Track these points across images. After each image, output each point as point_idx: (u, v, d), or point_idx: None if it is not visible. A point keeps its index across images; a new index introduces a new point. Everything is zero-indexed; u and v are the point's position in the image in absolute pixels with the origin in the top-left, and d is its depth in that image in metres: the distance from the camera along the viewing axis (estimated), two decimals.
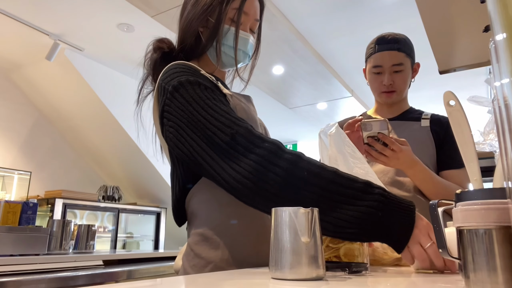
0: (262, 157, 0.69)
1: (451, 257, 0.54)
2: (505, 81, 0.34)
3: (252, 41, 1.00)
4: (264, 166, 0.69)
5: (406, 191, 1.23)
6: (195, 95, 0.80)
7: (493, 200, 0.47)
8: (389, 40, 1.29)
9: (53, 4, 3.07)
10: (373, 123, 1.07)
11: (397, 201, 0.68)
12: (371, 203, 0.66)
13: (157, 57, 0.97)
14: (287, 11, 3.09)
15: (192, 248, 0.86)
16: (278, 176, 0.68)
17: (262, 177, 0.68)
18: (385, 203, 0.66)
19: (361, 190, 0.67)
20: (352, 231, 0.65)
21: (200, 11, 0.94)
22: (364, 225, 0.65)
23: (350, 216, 0.65)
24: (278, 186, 0.68)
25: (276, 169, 0.68)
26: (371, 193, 0.67)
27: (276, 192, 0.68)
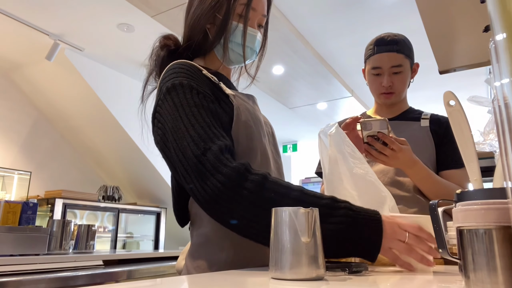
0: (228, 178, 0.70)
1: (451, 257, 0.54)
2: (505, 81, 0.34)
3: (260, 38, 0.99)
4: (230, 188, 0.69)
5: (406, 191, 1.23)
6: (184, 100, 0.80)
7: (493, 200, 0.47)
8: (388, 42, 1.28)
9: (53, 4, 3.07)
10: (373, 122, 1.07)
11: (363, 213, 0.69)
12: (340, 219, 0.67)
13: (163, 54, 0.96)
14: (287, 11, 3.09)
15: (196, 249, 0.85)
16: (244, 198, 0.69)
17: (229, 199, 0.69)
18: (353, 216, 0.68)
19: (328, 207, 0.69)
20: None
21: (207, 8, 0.93)
22: (333, 243, 0.67)
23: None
24: (244, 208, 0.69)
25: (242, 191, 0.69)
26: (338, 208, 0.69)
27: (244, 214, 0.69)
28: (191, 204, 0.88)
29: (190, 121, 0.77)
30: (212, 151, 0.72)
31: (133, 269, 2.34)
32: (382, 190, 0.91)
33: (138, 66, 4.12)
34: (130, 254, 2.57)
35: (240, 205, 0.69)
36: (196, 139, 0.74)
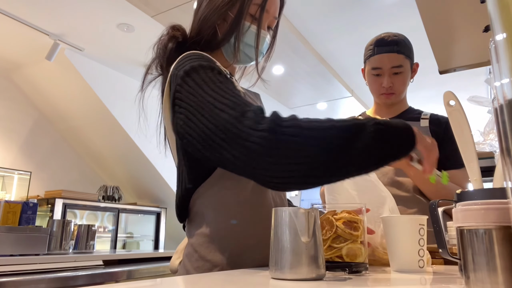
0: (268, 125, 0.66)
1: (451, 257, 0.54)
2: (505, 81, 0.34)
3: (268, 40, 0.98)
4: (275, 133, 0.65)
5: (406, 191, 1.23)
6: (207, 78, 0.77)
7: (493, 200, 0.47)
8: (388, 42, 1.28)
9: (53, 4, 3.07)
10: None
11: (390, 121, 0.70)
12: (374, 127, 0.67)
13: (170, 46, 0.93)
14: (287, 11, 3.09)
15: (196, 250, 0.84)
16: (289, 135, 0.65)
17: (275, 144, 0.65)
18: (381, 120, 0.68)
19: (358, 123, 0.68)
20: (394, 144, 0.67)
21: (220, 4, 0.91)
22: (374, 150, 0.66)
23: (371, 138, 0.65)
24: (295, 143, 0.65)
25: (284, 136, 0.65)
26: (369, 124, 0.68)
27: (297, 148, 0.65)
28: (193, 201, 0.87)
29: (219, 93, 0.73)
30: (252, 112, 0.68)
31: (133, 269, 2.34)
32: (382, 190, 0.91)
33: (138, 66, 4.12)
34: (130, 254, 2.57)
35: (287, 149, 0.64)
36: (230, 105, 0.70)
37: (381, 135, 0.66)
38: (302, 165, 0.65)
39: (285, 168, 0.65)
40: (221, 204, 0.84)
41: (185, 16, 2.80)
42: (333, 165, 0.65)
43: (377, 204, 0.89)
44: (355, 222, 0.74)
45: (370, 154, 0.65)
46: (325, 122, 0.68)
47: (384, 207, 0.89)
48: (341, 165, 0.65)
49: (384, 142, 0.66)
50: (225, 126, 0.68)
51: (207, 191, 0.85)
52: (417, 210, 1.20)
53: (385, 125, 0.67)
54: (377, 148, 0.66)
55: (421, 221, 0.73)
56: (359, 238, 0.73)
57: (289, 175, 0.66)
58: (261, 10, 0.92)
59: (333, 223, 0.73)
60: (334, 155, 0.65)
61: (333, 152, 0.65)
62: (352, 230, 0.73)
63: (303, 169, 0.65)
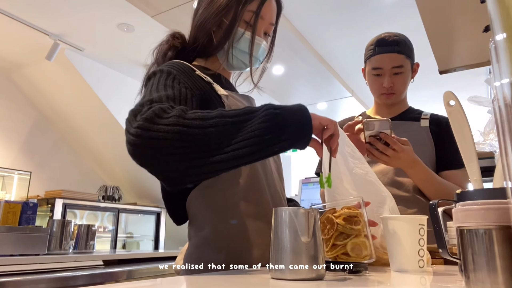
0: (146, 117, 0.67)
1: (451, 257, 0.54)
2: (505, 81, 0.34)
3: (265, 46, 0.99)
4: (150, 123, 0.66)
5: (406, 191, 1.23)
6: (156, 80, 0.81)
7: (493, 200, 0.47)
8: (389, 42, 1.28)
9: (53, 4, 3.07)
10: (375, 122, 1.07)
11: (283, 106, 0.70)
12: (266, 112, 0.67)
13: (170, 53, 0.96)
14: (287, 11, 3.09)
15: (194, 251, 0.85)
16: (166, 130, 0.65)
17: (150, 136, 0.65)
18: (276, 107, 0.68)
19: (248, 111, 0.69)
20: (268, 137, 0.66)
21: (215, 11, 0.92)
22: (264, 136, 0.66)
23: (254, 129, 0.66)
24: (171, 140, 0.65)
25: (162, 126, 0.66)
26: (259, 109, 0.68)
27: (172, 146, 0.65)
28: (188, 204, 0.87)
29: (151, 93, 0.77)
30: (148, 107, 0.70)
31: (133, 269, 2.34)
32: (382, 190, 0.91)
33: (138, 66, 4.12)
34: (130, 254, 2.57)
35: (161, 141, 0.65)
36: (146, 101, 0.72)
37: (273, 117, 0.66)
38: (182, 157, 0.65)
39: (163, 160, 0.66)
40: (216, 205, 0.85)
41: (185, 16, 2.80)
42: (218, 154, 0.65)
43: (377, 204, 0.89)
44: (355, 216, 0.73)
45: (261, 137, 0.65)
46: (213, 112, 0.69)
47: (384, 207, 0.89)
48: (228, 153, 0.65)
49: (275, 124, 0.66)
50: (126, 121, 0.71)
51: (202, 193, 0.85)
52: (417, 210, 1.20)
53: (278, 109, 0.67)
54: (268, 131, 0.65)
55: (421, 221, 0.73)
56: (362, 231, 0.73)
57: (169, 169, 0.67)
58: (256, 17, 0.92)
59: (333, 221, 0.73)
60: (216, 145, 0.65)
61: (214, 143, 0.65)
62: (353, 225, 0.73)
63: (181, 162, 0.66)
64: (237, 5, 0.91)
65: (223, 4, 0.92)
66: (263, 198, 0.88)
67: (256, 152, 0.66)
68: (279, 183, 0.97)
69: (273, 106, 0.68)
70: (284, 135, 0.66)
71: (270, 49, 1.05)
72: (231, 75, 1.07)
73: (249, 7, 0.92)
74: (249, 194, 0.86)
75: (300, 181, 4.43)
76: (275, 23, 1.01)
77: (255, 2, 0.92)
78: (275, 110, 0.67)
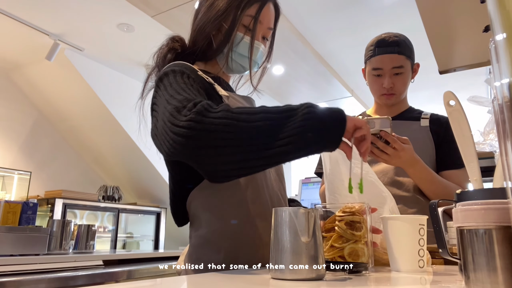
0: (195, 114, 0.69)
1: (451, 257, 0.54)
2: (505, 81, 0.34)
3: (263, 49, 1.00)
4: (198, 122, 0.68)
5: (406, 191, 1.23)
6: (173, 80, 0.81)
7: (493, 200, 0.47)
8: (389, 43, 1.28)
9: (53, 4, 3.07)
10: (376, 120, 1.06)
11: (322, 107, 0.71)
12: (308, 110, 0.68)
13: (169, 56, 0.97)
14: (287, 11, 3.09)
15: (194, 251, 0.85)
16: (215, 125, 0.67)
17: (200, 132, 0.67)
18: (314, 106, 0.69)
19: (289, 108, 0.70)
20: (309, 135, 0.67)
21: (214, 16, 0.93)
22: (304, 135, 0.67)
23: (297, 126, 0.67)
24: (220, 134, 0.67)
25: (211, 120, 0.68)
26: (300, 107, 0.69)
27: (221, 140, 0.67)
28: (189, 205, 0.88)
29: (177, 92, 0.77)
30: (192, 103, 0.72)
31: (133, 269, 2.34)
32: (383, 191, 0.91)
33: (138, 66, 4.12)
34: (130, 254, 2.57)
35: (213, 133, 0.67)
36: (179, 99, 0.74)
37: (313, 116, 0.67)
38: (231, 149, 0.67)
39: (212, 152, 0.68)
40: (215, 206, 0.85)
41: (185, 16, 2.79)
42: (265, 149, 0.67)
43: (378, 204, 0.89)
44: (358, 222, 0.74)
45: (303, 134, 0.66)
46: (257, 108, 0.70)
47: (385, 207, 0.89)
48: (274, 149, 0.67)
49: (316, 122, 0.67)
50: (167, 119, 0.72)
51: (201, 194, 0.86)
52: (417, 210, 1.20)
53: (316, 108, 0.69)
54: (309, 129, 0.67)
55: (421, 221, 0.73)
56: (363, 238, 0.73)
57: (219, 161, 0.69)
58: (255, 22, 0.93)
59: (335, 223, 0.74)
60: (264, 140, 0.67)
61: (262, 138, 0.67)
62: (355, 231, 0.73)
63: (230, 154, 0.68)
64: (236, 10, 0.92)
65: (222, 9, 0.93)
66: (261, 198, 0.88)
67: (297, 151, 0.68)
68: (278, 183, 0.98)
69: (312, 105, 0.70)
70: (321, 136, 0.68)
71: (269, 52, 1.06)
72: (231, 78, 1.07)
73: (248, 12, 0.93)
74: (247, 194, 0.86)
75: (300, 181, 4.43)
76: (273, 27, 1.02)
77: (254, 7, 0.94)
78: (314, 109, 0.69)
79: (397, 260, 0.73)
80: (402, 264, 0.72)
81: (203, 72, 0.93)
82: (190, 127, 0.67)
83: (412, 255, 0.71)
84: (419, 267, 0.71)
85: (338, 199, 0.91)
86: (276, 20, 1.02)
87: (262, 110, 0.70)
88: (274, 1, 0.99)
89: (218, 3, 0.94)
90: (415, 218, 0.73)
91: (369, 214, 0.77)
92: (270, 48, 1.06)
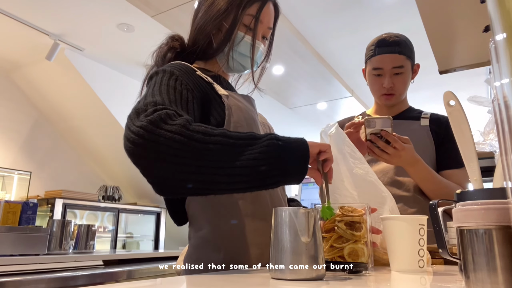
0: (149, 121, 0.66)
1: (451, 257, 0.54)
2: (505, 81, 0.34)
3: (263, 49, 1.00)
4: (149, 131, 0.65)
5: (406, 191, 1.23)
6: (158, 82, 0.80)
7: (493, 200, 0.47)
8: (389, 43, 1.28)
9: (53, 4, 3.07)
10: (377, 120, 1.06)
11: (286, 138, 0.70)
12: (267, 142, 0.67)
13: (169, 55, 0.97)
14: (287, 11, 3.09)
15: (194, 251, 0.86)
16: (165, 139, 0.65)
17: (148, 141, 0.65)
18: (279, 139, 0.68)
19: (253, 137, 0.68)
20: (263, 169, 0.65)
21: (215, 15, 0.93)
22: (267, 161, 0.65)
23: (254, 156, 0.65)
24: (166, 149, 0.65)
25: (162, 132, 0.65)
26: (261, 137, 0.68)
27: (166, 155, 0.64)
28: (188, 205, 0.88)
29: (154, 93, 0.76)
30: (153, 109, 0.69)
31: (133, 269, 2.34)
32: (383, 191, 0.91)
33: (138, 66, 4.12)
34: (130, 254, 2.57)
35: (161, 146, 0.64)
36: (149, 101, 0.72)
37: (273, 148, 0.66)
38: (176, 167, 0.64)
39: (157, 165, 0.65)
40: (213, 206, 0.85)
41: (185, 16, 2.80)
42: (211, 174, 0.65)
43: (378, 204, 0.89)
44: (358, 222, 0.74)
45: (257, 167, 0.65)
46: (217, 130, 0.68)
47: (384, 207, 0.89)
48: (221, 176, 0.65)
49: (274, 156, 0.66)
50: (128, 118, 0.70)
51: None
52: (417, 210, 1.20)
53: (281, 140, 0.67)
54: (265, 162, 0.65)
55: (421, 221, 0.73)
56: (362, 238, 0.73)
57: (162, 176, 0.66)
58: (256, 21, 0.93)
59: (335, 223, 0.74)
60: (213, 164, 0.65)
61: (212, 162, 0.65)
62: (354, 231, 0.73)
63: (173, 171, 0.65)
64: (237, 9, 0.92)
65: (223, 8, 0.93)
66: (261, 198, 0.89)
67: (248, 182, 0.66)
68: None
69: (276, 137, 0.68)
70: (278, 170, 0.66)
71: (268, 51, 1.06)
72: (230, 77, 1.07)
73: (249, 11, 0.93)
74: (247, 194, 0.86)
75: None
76: (272, 27, 1.02)
77: (255, 6, 0.94)
78: (277, 141, 0.67)
79: (397, 260, 0.73)
80: (402, 264, 0.72)
81: (203, 71, 0.93)
82: (139, 135, 0.65)
83: (412, 255, 0.71)
84: (419, 267, 0.71)
85: (338, 199, 0.91)
86: (275, 19, 1.03)
87: (220, 133, 0.67)
88: (274, 0, 1.00)
89: (218, 2, 0.94)
90: (415, 218, 0.73)
91: (369, 214, 0.77)
92: (269, 48, 1.06)
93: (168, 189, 0.69)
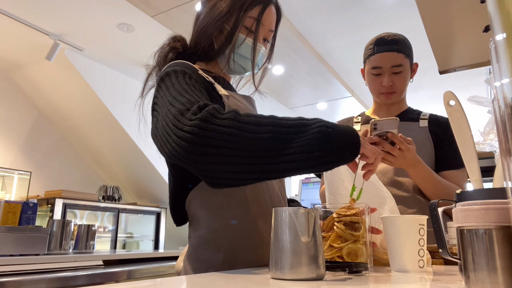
0: (200, 119, 0.68)
1: (451, 257, 0.54)
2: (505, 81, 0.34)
3: (264, 51, 1.00)
4: (203, 128, 0.67)
5: (405, 191, 1.23)
6: (176, 81, 0.81)
7: (493, 200, 0.47)
8: (388, 41, 1.28)
9: (53, 4, 3.07)
10: (384, 122, 1.05)
11: (335, 126, 0.70)
12: (319, 125, 0.68)
13: (170, 55, 0.98)
14: (287, 11, 3.09)
15: (194, 251, 0.86)
16: (221, 132, 0.67)
17: (205, 138, 0.66)
18: (328, 125, 0.69)
19: (299, 123, 0.69)
20: (317, 154, 0.66)
21: (216, 17, 0.93)
22: (320, 145, 0.66)
23: (307, 142, 0.67)
24: (225, 141, 0.66)
25: (217, 127, 0.67)
26: (311, 124, 0.69)
27: (227, 148, 0.66)
28: (188, 205, 0.88)
29: (180, 93, 0.77)
30: (196, 106, 0.71)
31: (133, 269, 2.34)
32: (383, 191, 0.91)
33: (138, 66, 4.12)
34: (130, 254, 2.57)
35: (217, 141, 0.66)
36: (182, 101, 0.73)
37: (324, 135, 0.67)
38: (233, 159, 0.67)
39: (214, 160, 0.67)
40: (214, 206, 0.85)
41: (185, 16, 2.80)
42: (268, 164, 0.66)
43: (378, 204, 0.89)
44: (357, 222, 0.74)
45: (310, 153, 0.66)
46: (266, 118, 0.70)
47: (384, 207, 0.89)
48: (277, 164, 0.66)
49: (326, 143, 0.66)
50: (171, 121, 0.71)
51: (200, 194, 0.86)
52: (417, 210, 1.20)
53: (330, 127, 0.68)
54: (317, 148, 0.66)
55: (421, 221, 0.73)
56: (361, 238, 0.73)
57: (220, 169, 0.68)
58: (257, 24, 0.94)
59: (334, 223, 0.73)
60: (269, 154, 0.66)
61: (267, 151, 0.66)
62: (353, 231, 0.73)
63: (231, 164, 0.67)
64: (239, 11, 0.92)
65: (224, 10, 0.93)
66: (261, 198, 0.89)
67: (302, 169, 0.67)
68: (278, 183, 0.98)
69: (325, 124, 0.69)
70: (331, 156, 0.67)
71: (270, 53, 1.07)
72: (231, 79, 1.08)
73: (250, 14, 0.93)
74: (247, 194, 0.86)
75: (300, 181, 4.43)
76: (274, 29, 1.02)
77: (256, 9, 0.94)
78: (327, 128, 0.68)
79: (397, 260, 0.73)
80: (402, 264, 0.72)
81: (204, 72, 0.93)
82: (195, 133, 0.66)
83: (412, 255, 0.71)
84: (419, 267, 0.71)
85: (338, 199, 0.91)
86: (277, 22, 1.03)
87: (270, 122, 0.69)
88: (276, 3, 1.00)
89: (220, 5, 0.94)
90: (415, 218, 0.73)
91: (368, 214, 0.77)
92: (271, 50, 1.07)
93: (226, 181, 0.72)
